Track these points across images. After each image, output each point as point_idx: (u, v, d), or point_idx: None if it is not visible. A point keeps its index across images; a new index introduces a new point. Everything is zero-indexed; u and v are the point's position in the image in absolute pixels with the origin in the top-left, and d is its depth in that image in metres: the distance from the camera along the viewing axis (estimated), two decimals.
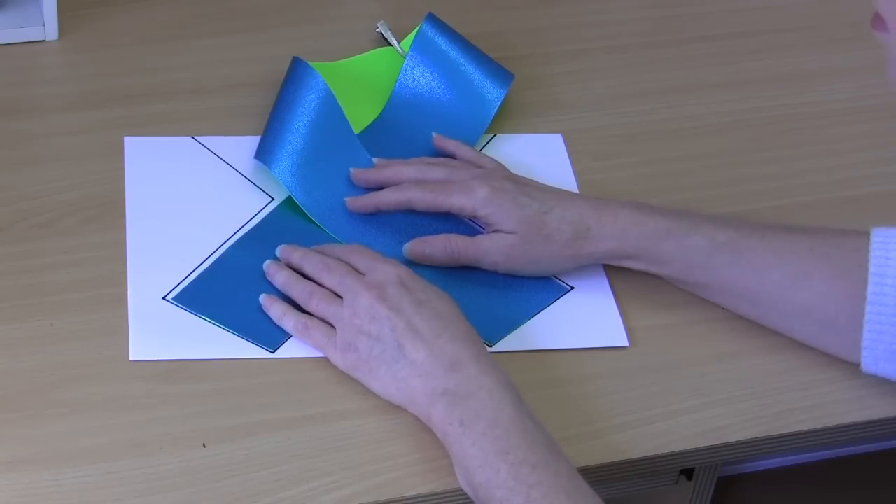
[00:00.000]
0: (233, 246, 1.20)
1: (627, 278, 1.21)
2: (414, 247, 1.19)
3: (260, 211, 1.23)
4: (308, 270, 1.15)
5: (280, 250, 1.18)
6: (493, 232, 1.17)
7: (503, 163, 1.26)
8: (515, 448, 1.01)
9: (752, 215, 1.26)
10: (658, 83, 1.41)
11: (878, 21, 0.92)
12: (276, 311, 1.14)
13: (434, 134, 1.29)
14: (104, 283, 1.16)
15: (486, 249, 1.17)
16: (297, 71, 1.28)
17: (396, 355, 1.07)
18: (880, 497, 1.59)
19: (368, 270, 1.12)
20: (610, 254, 1.17)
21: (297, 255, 1.16)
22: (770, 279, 1.14)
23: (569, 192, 1.20)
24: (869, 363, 1.12)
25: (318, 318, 1.13)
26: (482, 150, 1.30)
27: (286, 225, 1.22)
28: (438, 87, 1.33)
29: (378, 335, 1.08)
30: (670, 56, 1.44)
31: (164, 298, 1.16)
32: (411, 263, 1.17)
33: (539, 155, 1.31)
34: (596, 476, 1.09)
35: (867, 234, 1.12)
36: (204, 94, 1.33)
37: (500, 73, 1.33)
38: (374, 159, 1.26)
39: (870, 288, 1.10)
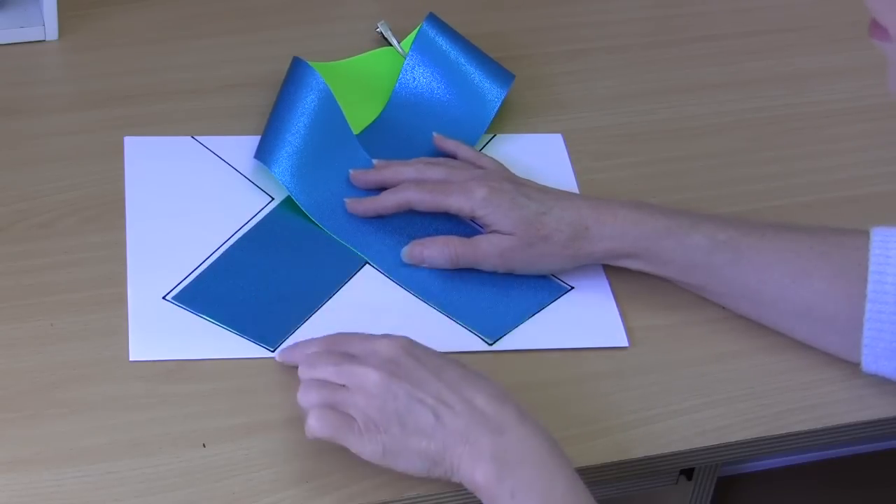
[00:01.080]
0: (233, 246, 1.20)
1: (627, 278, 1.21)
2: (412, 250, 1.19)
3: (260, 211, 1.23)
4: (301, 376, 1.07)
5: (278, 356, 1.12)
6: (492, 233, 1.17)
7: (503, 163, 1.26)
8: None
9: (752, 215, 1.26)
10: (658, 83, 1.41)
11: (876, 29, 0.91)
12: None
13: (434, 134, 1.29)
14: (104, 283, 1.16)
15: (485, 251, 1.17)
16: (297, 71, 1.28)
17: (434, 427, 1.01)
18: (880, 497, 1.59)
19: (367, 352, 1.05)
20: (609, 253, 1.17)
21: (292, 356, 1.11)
22: (770, 277, 1.14)
23: (568, 193, 1.20)
24: (869, 361, 1.12)
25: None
26: (482, 151, 1.30)
27: (286, 225, 1.22)
28: (439, 88, 1.33)
29: (407, 412, 1.02)
30: (670, 56, 1.44)
31: (164, 298, 1.16)
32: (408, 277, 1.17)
33: (539, 155, 1.31)
34: (596, 476, 1.09)
35: (867, 233, 1.12)
36: (204, 94, 1.33)
37: (501, 74, 1.33)
38: (374, 161, 1.26)
39: (870, 286, 1.10)
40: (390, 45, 1.38)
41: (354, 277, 1.19)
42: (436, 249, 1.18)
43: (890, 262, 1.10)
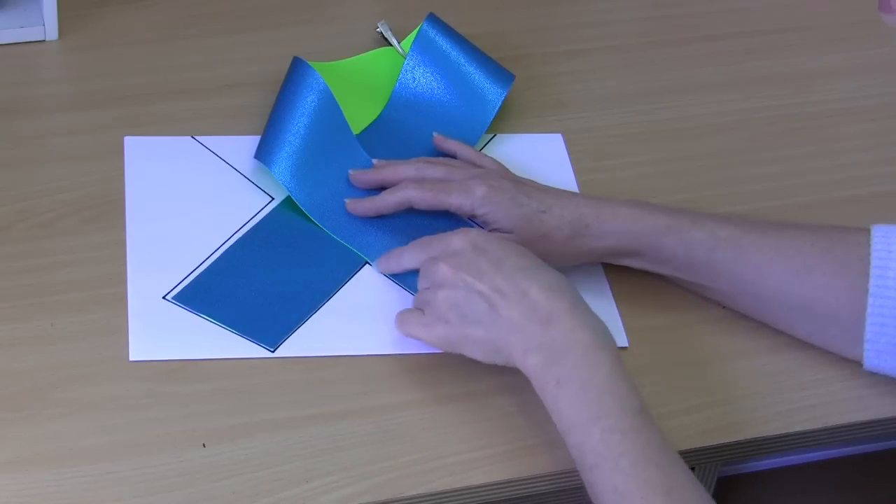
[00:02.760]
0: (233, 246, 1.20)
1: (627, 278, 1.21)
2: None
3: (260, 211, 1.23)
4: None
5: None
6: (492, 231, 1.17)
7: (503, 163, 1.26)
8: (607, 414, 1.01)
9: (752, 215, 1.26)
10: (658, 83, 1.41)
11: (885, 3, 0.93)
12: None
13: (435, 134, 1.29)
14: (104, 283, 1.16)
15: None
16: (297, 71, 1.28)
17: (490, 316, 1.07)
18: (880, 497, 1.59)
19: (442, 247, 1.12)
20: (610, 251, 1.17)
21: (388, 266, 1.19)
22: (771, 274, 1.14)
23: (568, 192, 1.20)
24: (871, 357, 1.12)
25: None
26: (482, 150, 1.30)
27: (286, 225, 1.22)
28: (439, 88, 1.33)
29: (466, 302, 1.07)
30: (670, 56, 1.44)
31: (164, 298, 1.16)
32: None
33: (539, 155, 1.31)
34: None
35: (868, 230, 1.12)
36: (204, 94, 1.33)
37: (501, 74, 1.33)
38: (374, 160, 1.26)
39: (872, 281, 1.10)
40: (390, 45, 1.38)
41: (354, 277, 1.19)
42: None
43: (892, 256, 1.10)
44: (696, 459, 1.13)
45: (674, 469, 1.00)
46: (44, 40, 1.36)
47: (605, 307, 1.19)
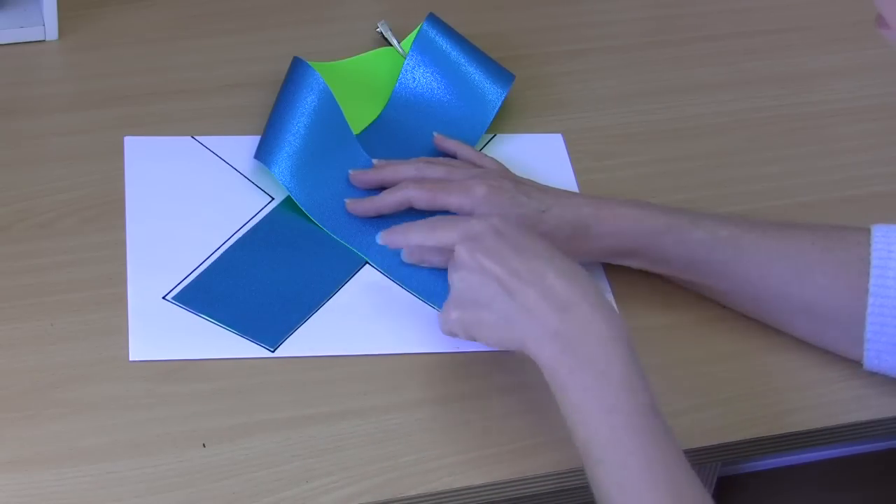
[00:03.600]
0: (233, 246, 1.20)
1: (627, 278, 1.21)
2: (412, 251, 1.19)
3: (260, 211, 1.23)
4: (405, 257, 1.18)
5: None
6: None
7: (503, 163, 1.26)
8: (620, 409, 1.00)
9: (752, 215, 1.26)
10: (658, 83, 1.41)
11: (881, 20, 0.93)
12: None
13: (435, 133, 1.29)
14: (104, 283, 1.16)
15: None
16: (297, 71, 1.28)
17: (506, 302, 1.05)
18: (880, 497, 1.59)
19: (463, 229, 1.10)
20: (610, 251, 1.17)
21: (394, 240, 1.17)
22: (772, 273, 1.14)
23: (568, 192, 1.20)
24: (871, 357, 1.12)
25: None
26: (482, 151, 1.30)
27: (286, 225, 1.22)
28: (439, 88, 1.33)
29: (481, 285, 1.06)
30: (670, 56, 1.44)
31: (164, 298, 1.16)
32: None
33: (539, 155, 1.31)
34: None
35: (868, 230, 1.12)
36: (204, 94, 1.33)
37: (501, 74, 1.33)
38: (374, 160, 1.26)
39: (872, 280, 1.10)
40: (390, 45, 1.38)
41: (354, 277, 1.19)
42: (435, 251, 1.18)
43: (892, 256, 1.10)
44: (696, 459, 1.13)
45: (680, 469, 1.00)
46: (44, 40, 1.36)
47: None
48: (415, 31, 1.35)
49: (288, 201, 1.24)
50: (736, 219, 1.17)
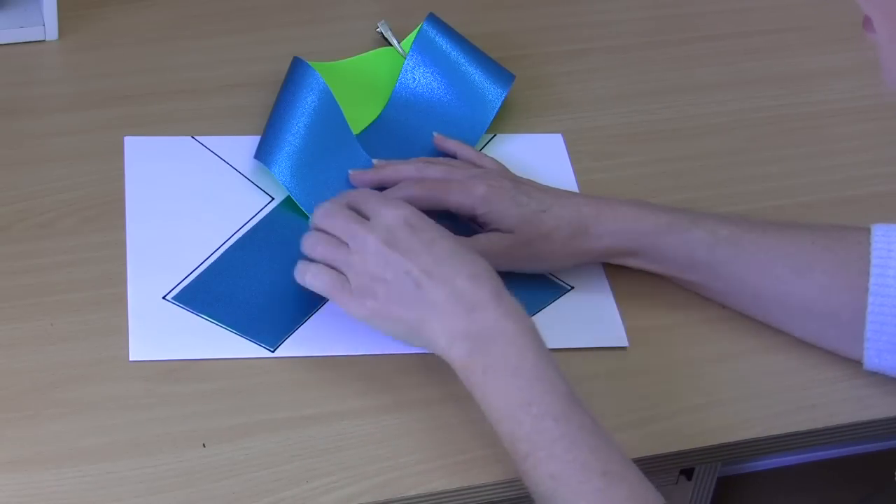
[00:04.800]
0: (233, 246, 1.20)
1: (627, 278, 1.21)
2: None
3: (260, 211, 1.23)
4: (313, 221, 1.13)
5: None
6: (491, 231, 1.17)
7: (503, 163, 1.26)
8: (538, 400, 1.01)
9: (752, 215, 1.26)
10: (658, 83, 1.41)
11: (868, 22, 0.93)
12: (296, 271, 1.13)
13: (435, 134, 1.29)
14: (104, 283, 1.16)
15: (484, 249, 1.17)
16: (296, 71, 1.28)
17: (415, 298, 1.06)
18: (881, 497, 1.59)
19: (374, 215, 1.10)
20: (610, 251, 1.17)
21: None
22: (772, 273, 1.14)
23: (568, 192, 1.20)
24: (872, 356, 1.12)
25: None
26: (482, 150, 1.30)
27: (286, 225, 1.22)
28: (439, 88, 1.33)
29: (394, 279, 1.06)
30: (670, 56, 1.44)
31: (164, 298, 1.16)
32: None
33: (539, 155, 1.31)
34: None
35: (868, 229, 1.12)
36: (204, 94, 1.33)
37: (501, 74, 1.33)
38: (374, 160, 1.26)
39: (872, 279, 1.10)
40: (390, 45, 1.38)
41: None
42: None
43: (892, 255, 1.10)
44: (696, 459, 1.13)
45: (608, 451, 1.00)
46: (44, 40, 1.36)
47: (605, 307, 1.19)
48: (415, 31, 1.35)
49: (288, 201, 1.24)
50: (736, 218, 1.17)
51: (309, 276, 1.11)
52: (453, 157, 1.27)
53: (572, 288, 1.21)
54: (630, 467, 1.00)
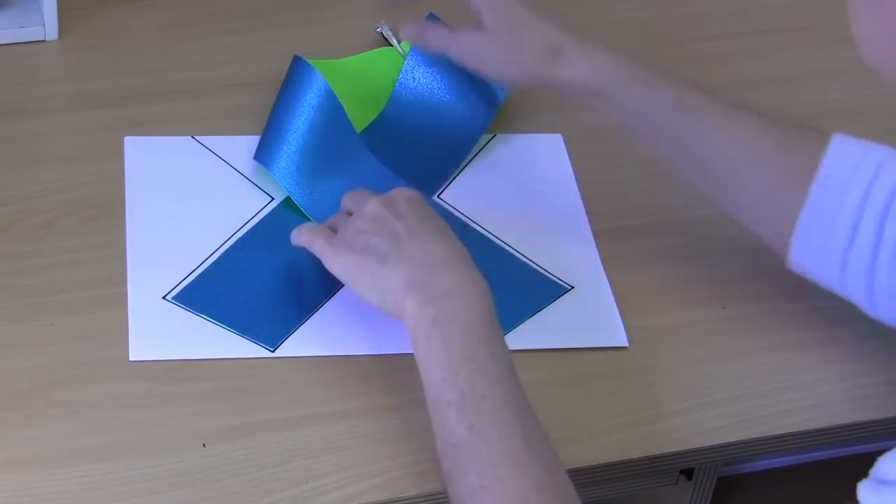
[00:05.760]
0: (233, 246, 1.20)
1: (627, 278, 1.21)
2: (412, 30, 1.24)
3: (260, 211, 1.23)
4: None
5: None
6: (476, 25, 1.20)
7: (503, 163, 1.26)
8: (480, 358, 1.01)
9: None
10: None
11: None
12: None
13: None
14: (104, 283, 1.16)
15: (463, 40, 1.21)
16: (297, 70, 1.28)
17: (389, 250, 1.07)
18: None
19: (381, 196, 1.13)
20: (578, 86, 1.18)
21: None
22: (725, 153, 1.14)
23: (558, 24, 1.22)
24: (795, 256, 1.13)
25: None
26: (482, 151, 1.30)
27: (286, 225, 1.22)
28: (439, 88, 1.33)
29: (377, 232, 1.09)
30: (670, 56, 1.43)
31: (164, 298, 1.16)
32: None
33: (539, 155, 1.32)
34: (596, 476, 1.09)
35: (829, 137, 1.12)
36: (204, 94, 1.33)
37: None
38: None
39: (813, 186, 1.10)
40: (390, 45, 1.38)
41: None
42: (432, 35, 1.23)
43: (839, 167, 1.10)
44: (696, 459, 1.13)
45: (532, 423, 1.00)
46: (44, 40, 1.36)
47: (605, 307, 1.19)
48: None
49: (288, 201, 1.24)
50: (707, 92, 1.18)
51: (304, 233, 1.15)
52: None
53: (572, 288, 1.21)
54: (549, 444, 1.00)
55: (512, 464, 0.97)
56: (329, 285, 1.18)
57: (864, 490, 0.88)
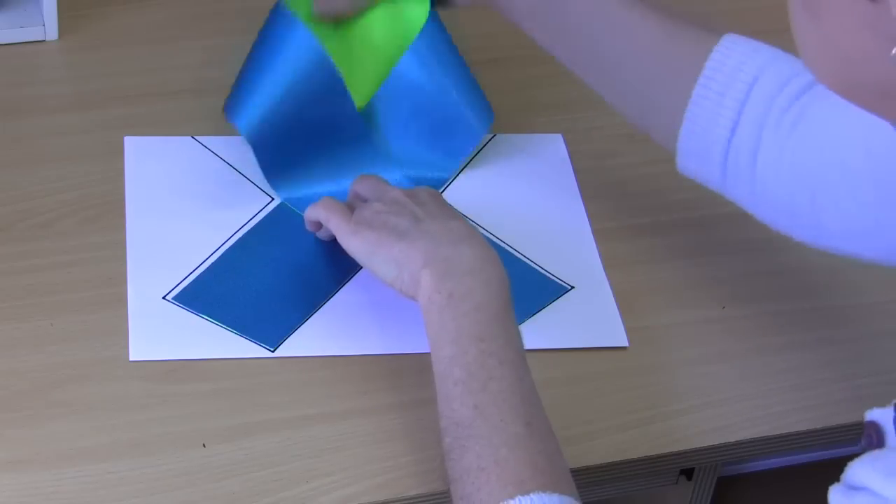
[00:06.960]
0: (233, 246, 1.20)
1: (627, 278, 1.21)
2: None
3: (260, 211, 1.23)
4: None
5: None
6: None
7: (503, 163, 1.25)
8: (492, 339, 1.01)
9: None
10: None
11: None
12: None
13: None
14: (104, 283, 1.16)
15: None
16: (279, 23, 1.22)
17: (410, 227, 1.07)
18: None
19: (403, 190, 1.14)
20: None
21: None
22: (615, 46, 1.13)
23: None
24: (681, 159, 1.12)
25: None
26: (482, 151, 1.30)
27: (286, 225, 1.22)
28: (440, 84, 1.29)
29: (397, 213, 1.09)
30: None
31: (164, 298, 1.16)
32: None
33: (539, 155, 1.32)
34: (596, 476, 1.09)
35: (719, 37, 1.11)
36: (204, 94, 1.33)
37: (483, 107, 1.29)
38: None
39: (696, 88, 1.09)
40: None
41: (354, 277, 1.19)
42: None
43: (722, 69, 1.09)
44: (696, 459, 1.14)
45: (537, 409, 1.00)
46: (44, 40, 1.36)
47: (605, 307, 1.19)
48: None
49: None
50: None
51: (321, 208, 1.14)
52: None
53: (572, 288, 1.21)
54: (551, 430, 1.00)
55: (511, 447, 0.97)
56: (329, 285, 1.18)
57: (834, 494, 0.88)
